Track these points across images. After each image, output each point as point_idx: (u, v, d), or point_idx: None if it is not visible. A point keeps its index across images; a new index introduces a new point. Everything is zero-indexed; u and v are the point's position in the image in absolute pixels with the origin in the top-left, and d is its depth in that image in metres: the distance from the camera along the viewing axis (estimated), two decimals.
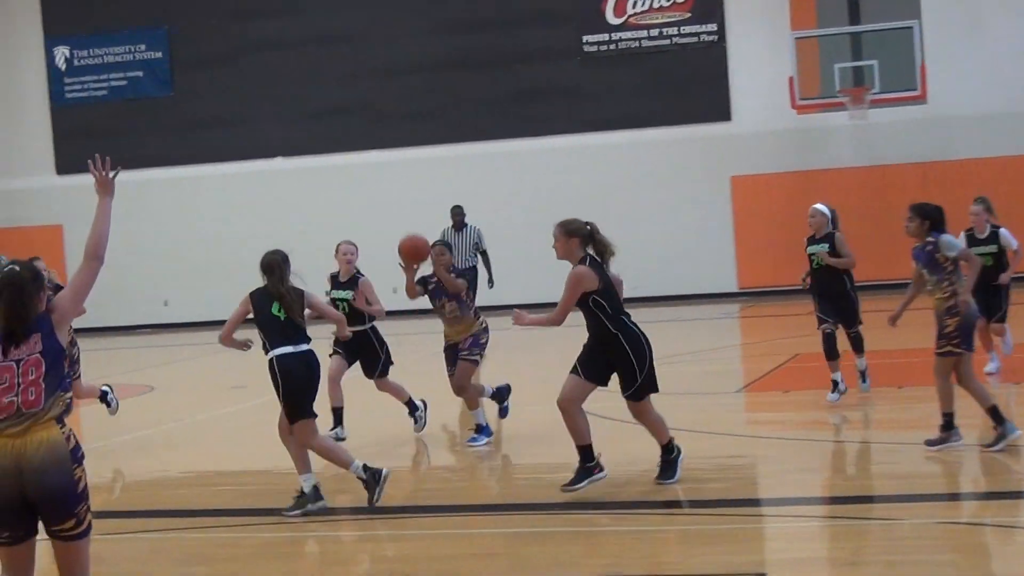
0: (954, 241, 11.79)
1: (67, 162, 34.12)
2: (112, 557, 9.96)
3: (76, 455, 6.65)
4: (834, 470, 11.92)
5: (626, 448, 12.32)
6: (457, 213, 24.26)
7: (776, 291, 29.95)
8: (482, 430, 13.71)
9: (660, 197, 30.87)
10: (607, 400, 11.03)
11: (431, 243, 13.48)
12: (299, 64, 32.79)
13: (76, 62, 34.27)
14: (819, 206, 15.83)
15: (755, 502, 10.71)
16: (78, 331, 14.83)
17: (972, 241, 15.55)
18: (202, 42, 33.33)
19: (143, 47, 33.86)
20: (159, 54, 33.81)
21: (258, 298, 11.14)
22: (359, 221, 31.38)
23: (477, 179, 31.75)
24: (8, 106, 34.54)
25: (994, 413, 11.43)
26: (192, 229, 33.09)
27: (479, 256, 23.88)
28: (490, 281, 23.76)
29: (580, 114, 31.43)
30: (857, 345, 14.95)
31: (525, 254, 30.85)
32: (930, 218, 11.71)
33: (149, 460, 14.44)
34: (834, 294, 15.12)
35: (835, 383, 14.55)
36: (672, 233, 30.69)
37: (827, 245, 15.38)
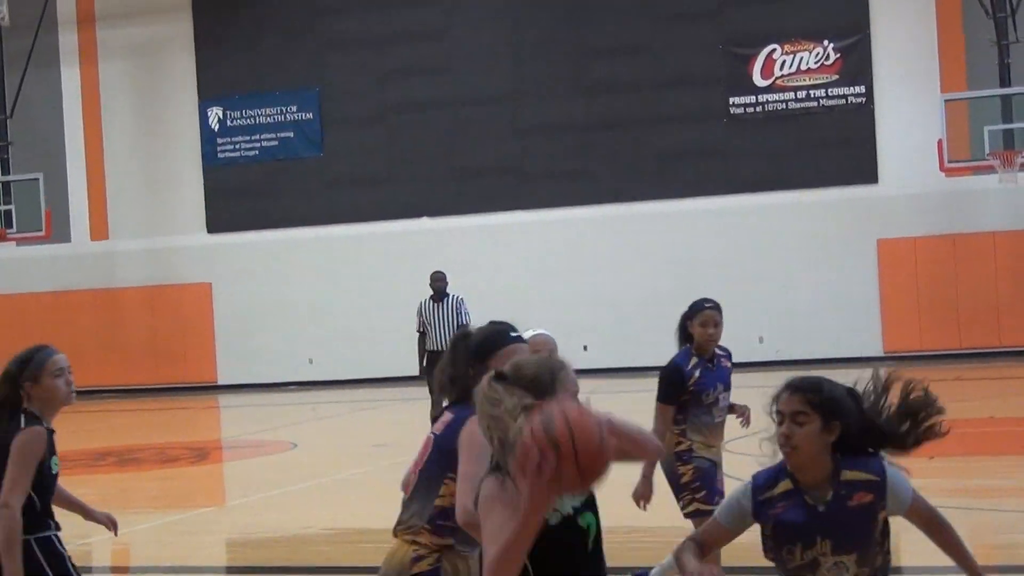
0: None
1: (218, 221, 34.70)
2: None
3: None
4: (981, 539, 11.71)
5: None
6: (437, 279, 19.72)
7: (922, 356, 29.55)
8: None
9: (805, 259, 30.65)
10: (754, 467, 10.90)
11: (707, 305, 9.14)
12: (446, 124, 33.07)
13: (229, 123, 34.87)
14: (544, 333, 7.29)
15: (897, 570, 10.56)
16: (228, 387, 14.95)
17: None
18: (353, 103, 33.74)
19: (295, 108, 34.37)
20: (310, 115, 34.30)
21: None
22: (504, 282, 31.52)
23: (621, 240, 31.75)
24: (162, 166, 35.21)
25: None
26: (338, 288, 33.42)
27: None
28: None
29: (726, 176, 31.32)
30: None
31: (667, 318, 30.79)
32: None
33: (291, 516, 14.57)
34: None
35: None
36: (817, 296, 30.43)
37: None
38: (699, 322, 8.94)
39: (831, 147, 30.70)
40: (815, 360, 29.77)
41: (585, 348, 30.25)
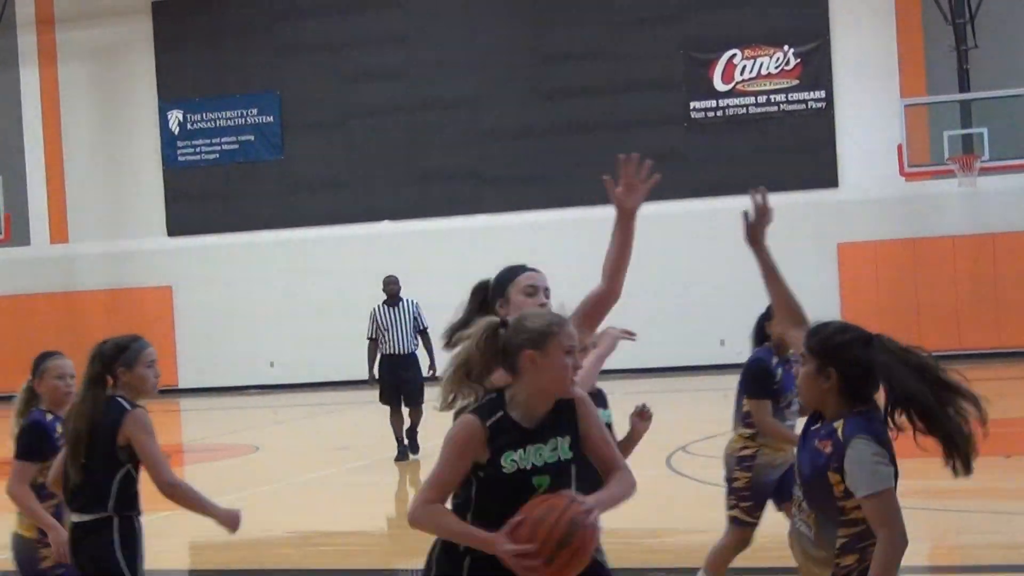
0: None
1: (178, 224, 34.60)
2: None
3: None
4: (939, 539, 11.77)
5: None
6: (391, 283, 19.21)
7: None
8: None
9: None
10: (715, 468, 10.95)
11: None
12: (407, 128, 33.06)
13: (189, 126, 34.78)
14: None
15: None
16: (189, 390, 14.90)
17: None
18: (313, 106, 33.69)
19: (255, 111, 34.30)
20: (271, 118, 34.23)
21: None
22: (465, 285, 31.50)
23: (581, 245, 31.77)
24: (121, 168, 35.08)
25: None
26: (299, 291, 33.36)
27: (419, 337, 18.88)
28: (432, 367, 18.28)
29: (686, 180, 31.37)
30: None
31: (628, 321, 30.84)
32: None
33: (253, 520, 14.49)
34: None
35: None
36: None
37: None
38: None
39: (791, 152, 30.80)
40: None
41: None
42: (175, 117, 34.84)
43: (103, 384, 6.86)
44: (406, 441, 18.55)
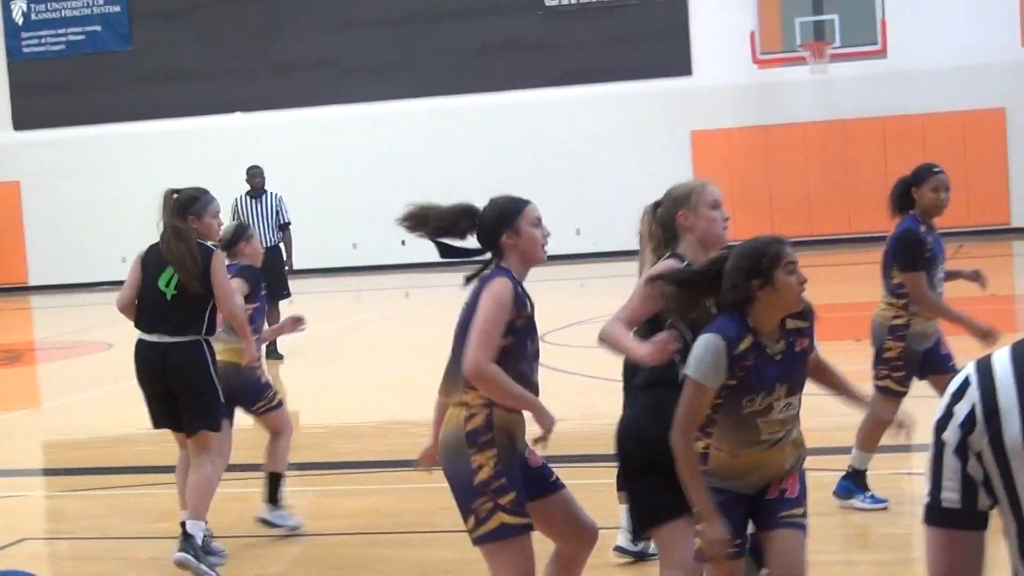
0: None
1: (25, 118, 33.91)
2: (73, 514, 9.96)
3: None
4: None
5: (591, 402, 12.36)
6: (255, 175, 18.70)
7: (733, 245, 30.00)
8: None
9: (620, 152, 30.88)
10: (575, 357, 11.05)
11: (935, 170, 8.42)
12: (259, 18, 32.62)
13: (33, 16, 34.01)
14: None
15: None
16: (39, 287, 14.63)
17: None
18: None
19: (101, 1, 33.62)
20: (117, 8, 33.58)
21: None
22: (321, 176, 31.29)
23: (437, 134, 31.69)
24: None
25: None
26: (150, 185, 32.79)
27: (280, 232, 18.49)
28: (289, 263, 18.64)
29: (541, 69, 31.37)
30: None
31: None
32: None
33: (110, 417, 14.40)
34: None
35: None
36: (632, 188, 30.63)
37: None
38: (930, 187, 8.31)
39: (645, 40, 30.87)
40: (632, 251, 30.03)
41: (403, 243, 30.25)
42: (18, 7, 34.06)
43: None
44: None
